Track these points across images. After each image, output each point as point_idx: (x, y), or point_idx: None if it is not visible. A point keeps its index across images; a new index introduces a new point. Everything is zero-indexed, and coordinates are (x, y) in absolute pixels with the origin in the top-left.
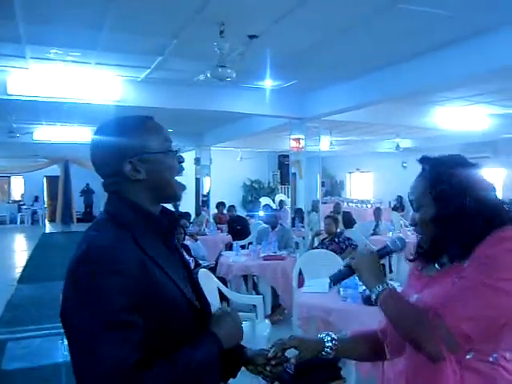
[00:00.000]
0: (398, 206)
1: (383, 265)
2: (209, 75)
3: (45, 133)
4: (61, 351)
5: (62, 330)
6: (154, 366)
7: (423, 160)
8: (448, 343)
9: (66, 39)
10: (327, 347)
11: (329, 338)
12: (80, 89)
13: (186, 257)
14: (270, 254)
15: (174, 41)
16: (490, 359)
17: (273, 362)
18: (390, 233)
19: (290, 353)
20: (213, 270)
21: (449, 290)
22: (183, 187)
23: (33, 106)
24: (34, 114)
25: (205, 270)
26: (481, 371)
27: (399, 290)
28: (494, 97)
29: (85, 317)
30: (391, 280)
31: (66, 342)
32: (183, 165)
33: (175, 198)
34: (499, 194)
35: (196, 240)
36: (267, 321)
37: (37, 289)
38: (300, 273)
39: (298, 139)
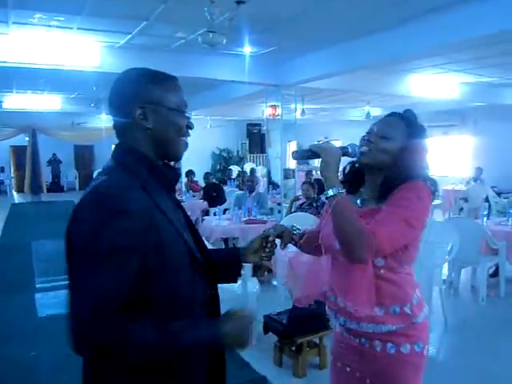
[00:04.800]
0: None
1: None
2: (199, 40)
3: (14, 101)
4: None
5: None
6: (141, 324)
7: (406, 111)
8: (373, 254)
9: (52, 3)
10: (295, 234)
11: (295, 229)
12: (60, 55)
13: None
14: (252, 218)
15: (162, 6)
16: (398, 271)
17: (269, 244)
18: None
19: None
20: None
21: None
22: (186, 146)
23: (6, 72)
24: (6, 81)
25: None
26: (392, 279)
27: None
28: (466, 65)
29: (90, 250)
30: None
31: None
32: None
33: (176, 157)
34: (468, 161)
35: None
36: (255, 279)
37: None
38: None
39: (275, 106)
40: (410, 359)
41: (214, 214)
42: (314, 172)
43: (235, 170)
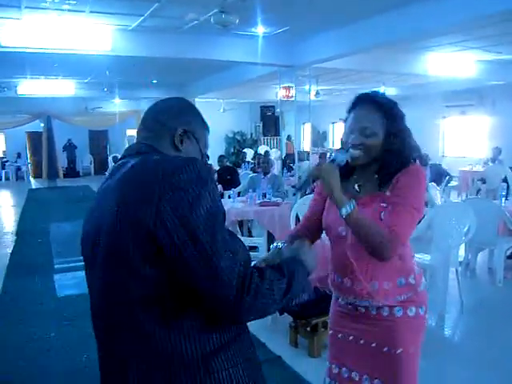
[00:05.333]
0: None
1: None
2: (212, 21)
3: (29, 87)
4: None
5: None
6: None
7: (375, 94)
8: (398, 250)
9: None
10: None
11: (280, 246)
12: (72, 39)
13: None
14: (266, 201)
15: None
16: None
17: None
18: None
19: None
20: None
21: (384, 213)
22: None
23: (20, 57)
24: (20, 66)
25: None
26: (398, 255)
27: None
28: (484, 42)
29: (209, 223)
30: None
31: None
32: None
33: None
34: (485, 141)
35: None
36: None
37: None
38: (297, 218)
39: (288, 88)
40: (415, 321)
41: (229, 197)
42: (328, 154)
43: (249, 152)
